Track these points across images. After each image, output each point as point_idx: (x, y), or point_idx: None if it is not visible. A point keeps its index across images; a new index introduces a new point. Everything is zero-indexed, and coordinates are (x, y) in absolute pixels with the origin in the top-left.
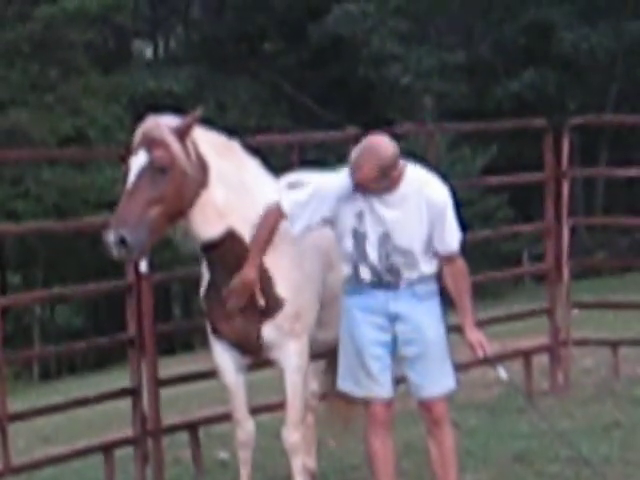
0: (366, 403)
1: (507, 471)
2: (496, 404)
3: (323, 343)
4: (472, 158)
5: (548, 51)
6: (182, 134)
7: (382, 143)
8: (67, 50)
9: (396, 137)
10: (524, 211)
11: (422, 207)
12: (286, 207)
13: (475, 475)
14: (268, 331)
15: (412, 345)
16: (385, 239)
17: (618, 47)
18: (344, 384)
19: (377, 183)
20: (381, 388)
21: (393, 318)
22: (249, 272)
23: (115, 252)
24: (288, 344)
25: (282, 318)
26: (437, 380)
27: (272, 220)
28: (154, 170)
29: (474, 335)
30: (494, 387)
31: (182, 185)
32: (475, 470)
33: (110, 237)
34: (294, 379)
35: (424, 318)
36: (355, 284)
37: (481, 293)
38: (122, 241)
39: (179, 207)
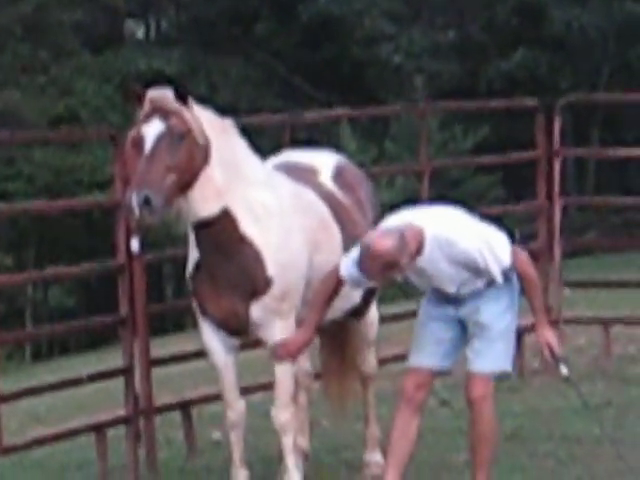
0: (402, 379)
1: (500, 450)
2: None
3: None
4: (463, 137)
5: (539, 31)
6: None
7: (379, 246)
8: (58, 31)
9: (387, 117)
10: (516, 191)
11: (452, 263)
12: (343, 272)
13: (468, 454)
14: (256, 311)
15: (472, 324)
16: (434, 287)
17: (610, 27)
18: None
19: (391, 273)
20: (425, 356)
21: (458, 302)
22: (305, 333)
23: (137, 213)
24: (275, 323)
25: (269, 298)
26: (484, 357)
27: (331, 283)
28: (172, 137)
29: (543, 335)
30: None
31: (194, 156)
32: (468, 449)
33: (133, 198)
34: None
35: (484, 301)
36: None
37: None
38: (146, 202)
39: (188, 179)
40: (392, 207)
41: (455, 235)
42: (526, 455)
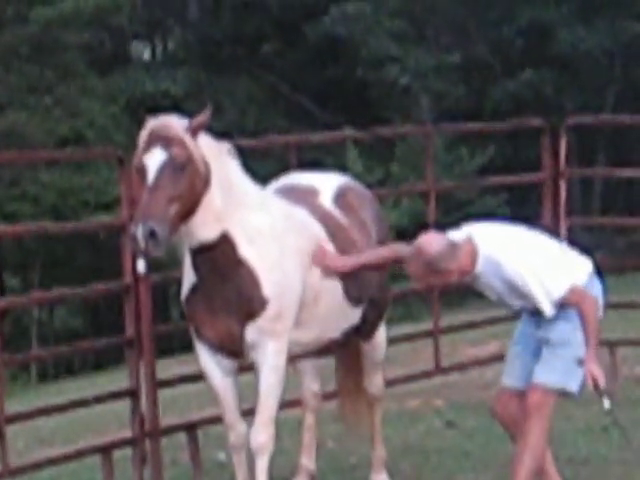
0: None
1: (506, 472)
2: None
3: (301, 344)
4: (470, 158)
5: (546, 52)
6: (194, 133)
7: (426, 247)
8: (65, 52)
9: (393, 138)
10: (522, 211)
11: (504, 282)
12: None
13: (473, 476)
14: (250, 332)
15: (544, 344)
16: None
17: (616, 48)
18: None
19: (430, 278)
20: (508, 376)
21: (537, 323)
22: (347, 260)
23: (142, 245)
24: (267, 344)
25: (264, 319)
26: (545, 369)
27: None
28: (174, 167)
29: (589, 366)
30: (492, 388)
31: (195, 184)
32: (474, 471)
33: (139, 230)
34: (270, 379)
35: (558, 321)
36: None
37: (480, 294)
38: (152, 234)
39: (191, 206)
40: (398, 228)
41: (503, 257)
42: None
